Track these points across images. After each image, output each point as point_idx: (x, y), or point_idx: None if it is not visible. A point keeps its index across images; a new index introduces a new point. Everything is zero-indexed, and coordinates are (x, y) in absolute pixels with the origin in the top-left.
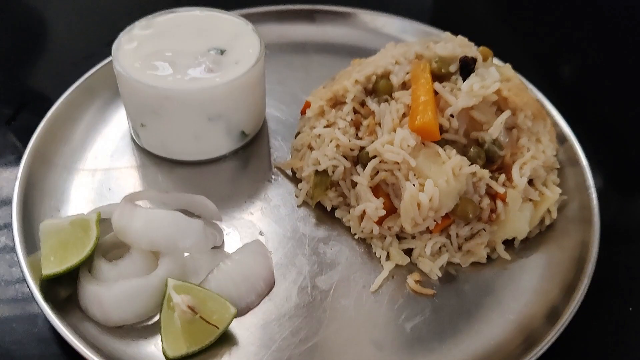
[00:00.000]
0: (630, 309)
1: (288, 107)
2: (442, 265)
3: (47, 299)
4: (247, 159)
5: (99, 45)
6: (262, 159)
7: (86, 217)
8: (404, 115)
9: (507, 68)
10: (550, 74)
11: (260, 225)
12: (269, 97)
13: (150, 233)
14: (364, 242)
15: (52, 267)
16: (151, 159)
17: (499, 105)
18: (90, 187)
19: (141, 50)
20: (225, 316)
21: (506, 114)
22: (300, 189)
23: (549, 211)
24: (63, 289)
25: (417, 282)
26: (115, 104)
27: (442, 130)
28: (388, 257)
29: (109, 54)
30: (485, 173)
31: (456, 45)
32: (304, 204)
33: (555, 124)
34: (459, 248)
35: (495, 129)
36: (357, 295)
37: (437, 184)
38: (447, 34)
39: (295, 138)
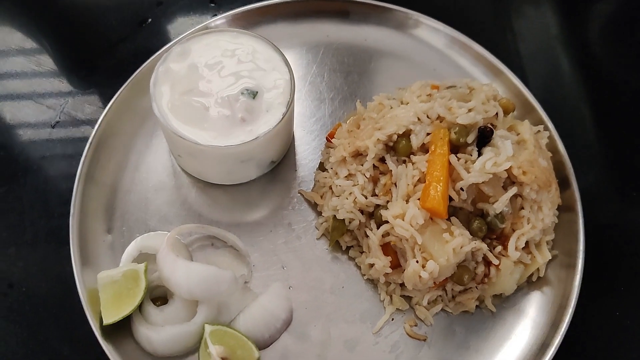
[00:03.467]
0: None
1: (315, 123)
2: (436, 312)
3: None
4: (274, 179)
5: (130, 23)
6: (287, 183)
7: (136, 268)
8: (419, 180)
9: (525, 127)
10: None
11: (283, 257)
12: (295, 104)
13: (190, 285)
14: (372, 282)
15: (111, 316)
16: (188, 176)
17: (509, 176)
18: (136, 207)
19: (176, 87)
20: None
21: (512, 191)
22: (321, 223)
23: (537, 269)
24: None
25: (412, 326)
26: (154, 118)
27: (451, 199)
28: (391, 300)
29: (142, 36)
30: (484, 246)
31: (479, 104)
32: (322, 236)
33: (564, 166)
34: (453, 297)
35: (500, 205)
36: (361, 334)
37: (438, 262)
38: (476, 83)
39: (318, 168)
